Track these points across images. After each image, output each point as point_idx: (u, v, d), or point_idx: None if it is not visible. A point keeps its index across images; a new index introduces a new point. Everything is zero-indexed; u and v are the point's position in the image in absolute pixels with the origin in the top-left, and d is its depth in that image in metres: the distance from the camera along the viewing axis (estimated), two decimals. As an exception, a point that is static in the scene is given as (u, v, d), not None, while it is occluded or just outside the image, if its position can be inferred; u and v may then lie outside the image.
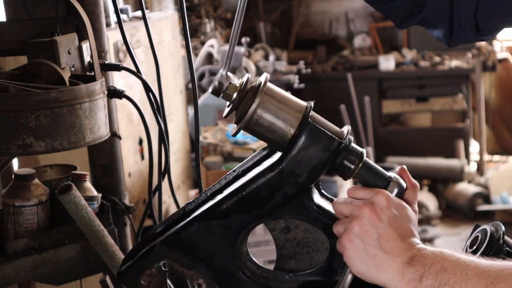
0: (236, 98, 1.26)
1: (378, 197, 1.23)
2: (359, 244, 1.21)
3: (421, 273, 1.17)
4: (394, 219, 1.22)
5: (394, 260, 1.20)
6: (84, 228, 1.67)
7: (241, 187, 1.27)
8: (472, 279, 1.14)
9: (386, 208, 1.22)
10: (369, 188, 1.26)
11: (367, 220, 1.21)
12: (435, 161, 7.05)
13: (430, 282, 1.17)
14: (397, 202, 1.24)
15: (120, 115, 2.84)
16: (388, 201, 1.22)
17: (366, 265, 1.21)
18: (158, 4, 5.85)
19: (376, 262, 1.20)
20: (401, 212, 1.23)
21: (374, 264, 1.21)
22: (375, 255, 1.20)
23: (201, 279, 1.31)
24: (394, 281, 1.20)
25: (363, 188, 1.26)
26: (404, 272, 1.19)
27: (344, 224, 1.24)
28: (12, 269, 1.71)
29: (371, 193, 1.24)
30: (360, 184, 1.28)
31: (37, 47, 1.68)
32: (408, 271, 1.18)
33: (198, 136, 1.92)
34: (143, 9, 1.93)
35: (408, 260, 1.19)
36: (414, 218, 1.26)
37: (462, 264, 1.16)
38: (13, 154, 1.74)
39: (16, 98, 1.49)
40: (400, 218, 1.22)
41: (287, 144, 1.24)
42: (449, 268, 1.16)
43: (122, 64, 1.89)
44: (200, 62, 6.04)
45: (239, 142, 4.73)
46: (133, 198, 3.58)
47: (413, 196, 1.28)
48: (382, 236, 1.20)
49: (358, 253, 1.22)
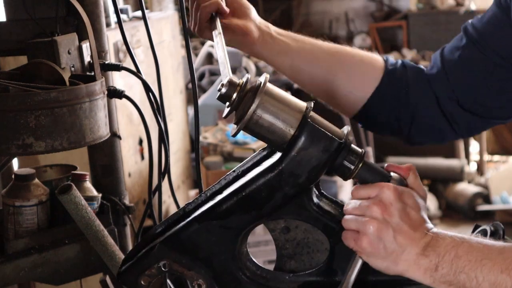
0: (236, 99, 1.26)
1: (384, 192, 1.23)
2: (378, 244, 1.22)
3: (436, 262, 1.19)
4: (404, 211, 1.22)
5: (409, 252, 1.21)
6: (84, 228, 1.67)
7: (241, 187, 1.27)
8: (487, 264, 1.16)
9: (394, 201, 1.22)
10: (373, 184, 1.26)
11: (379, 218, 1.21)
12: (435, 161, 7.05)
13: (445, 270, 1.18)
14: (403, 191, 1.24)
15: (120, 115, 2.84)
16: (394, 194, 1.23)
17: (385, 261, 1.22)
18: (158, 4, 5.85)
19: (394, 257, 1.21)
20: (409, 201, 1.24)
21: (392, 259, 1.22)
22: (394, 251, 1.21)
23: (201, 279, 1.31)
24: (410, 271, 1.21)
25: (366, 186, 1.26)
26: (420, 262, 1.20)
27: (359, 227, 1.23)
28: (12, 269, 1.71)
29: (376, 189, 1.24)
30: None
31: (37, 47, 1.68)
32: (423, 262, 1.20)
33: (198, 136, 1.92)
34: (143, 9, 1.93)
35: (422, 250, 1.20)
36: (422, 203, 1.26)
37: (476, 249, 1.18)
38: (13, 154, 1.73)
39: (16, 98, 1.49)
40: (409, 208, 1.23)
41: (287, 145, 1.24)
42: (463, 255, 1.18)
43: (122, 64, 1.88)
44: (200, 62, 6.05)
45: (239, 142, 4.73)
46: (133, 198, 3.58)
47: (414, 180, 1.28)
48: (397, 230, 1.21)
49: (378, 252, 1.22)
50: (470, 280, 1.17)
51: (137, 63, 1.95)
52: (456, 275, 1.18)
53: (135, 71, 1.93)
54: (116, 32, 2.83)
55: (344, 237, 1.27)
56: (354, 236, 1.24)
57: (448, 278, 1.18)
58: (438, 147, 7.30)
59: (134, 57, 1.94)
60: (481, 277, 1.16)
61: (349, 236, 1.25)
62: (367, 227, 1.22)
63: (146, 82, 1.91)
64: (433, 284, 1.21)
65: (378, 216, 1.21)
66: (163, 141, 1.95)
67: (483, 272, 1.16)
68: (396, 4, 8.46)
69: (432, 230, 1.23)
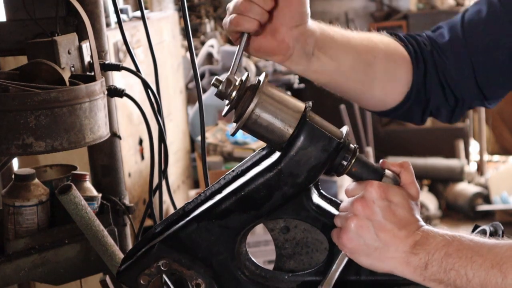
0: (235, 97, 1.26)
1: (367, 190, 1.23)
2: (358, 240, 1.22)
3: (425, 260, 1.19)
4: (387, 208, 1.22)
5: (395, 250, 1.21)
6: (84, 228, 1.67)
7: (240, 187, 1.27)
8: (477, 261, 1.15)
9: (377, 199, 1.22)
10: (362, 182, 1.26)
11: (360, 215, 1.21)
12: (435, 161, 7.05)
13: (435, 268, 1.18)
14: (389, 189, 1.23)
15: (120, 115, 2.84)
16: (378, 191, 1.22)
17: (369, 258, 1.23)
18: (158, 4, 5.85)
19: (378, 254, 1.22)
20: (395, 198, 1.23)
21: (376, 256, 1.22)
22: (376, 248, 1.21)
23: (200, 279, 1.31)
24: (399, 269, 1.21)
25: (357, 183, 1.27)
26: (409, 260, 1.20)
27: (342, 224, 1.24)
28: (12, 269, 1.71)
29: (362, 186, 1.24)
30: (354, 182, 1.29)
31: (37, 47, 1.68)
32: (412, 260, 1.20)
33: (204, 135, 1.92)
34: (142, 9, 1.93)
35: (411, 248, 1.20)
36: (411, 201, 1.25)
37: (467, 247, 1.17)
38: (13, 154, 1.73)
39: (16, 98, 1.49)
40: (395, 206, 1.22)
41: (286, 144, 1.24)
42: (453, 253, 1.17)
43: (122, 64, 1.89)
44: (200, 62, 6.05)
45: (239, 142, 4.73)
46: (133, 198, 3.58)
47: (407, 176, 1.27)
48: (379, 228, 1.21)
49: (360, 249, 1.22)
50: (461, 277, 1.16)
51: (137, 63, 1.95)
52: (447, 273, 1.17)
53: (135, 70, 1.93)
54: (116, 32, 2.84)
55: (331, 234, 1.28)
56: (338, 232, 1.25)
57: (438, 276, 1.18)
58: (438, 147, 7.31)
59: (134, 57, 1.95)
60: (471, 273, 1.15)
61: (334, 233, 1.27)
62: (347, 224, 1.22)
63: (145, 81, 1.92)
64: (424, 282, 1.21)
65: (359, 213, 1.22)
66: (163, 141, 1.95)
67: (474, 269, 1.15)
68: (396, 4, 8.46)
69: (423, 228, 1.22)
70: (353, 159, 1.26)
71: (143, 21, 1.95)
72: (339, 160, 1.26)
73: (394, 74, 1.57)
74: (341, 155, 1.26)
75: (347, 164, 1.26)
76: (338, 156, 1.25)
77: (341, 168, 1.27)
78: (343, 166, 1.26)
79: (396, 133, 7.72)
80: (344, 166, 1.26)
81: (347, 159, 1.26)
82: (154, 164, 1.99)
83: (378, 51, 1.53)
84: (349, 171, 1.27)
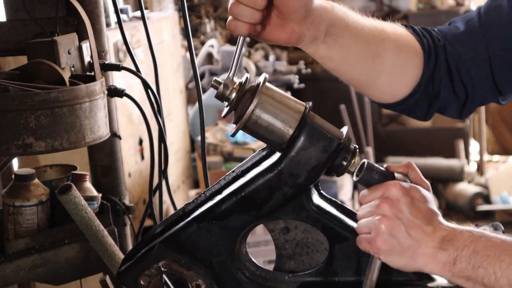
0: (235, 98, 1.26)
1: (390, 190, 1.23)
2: (392, 241, 1.21)
3: (454, 256, 1.19)
4: (412, 205, 1.22)
5: (426, 245, 1.21)
6: (84, 228, 1.67)
7: (240, 188, 1.27)
8: (505, 260, 1.16)
9: (401, 196, 1.22)
10: (378, 185, 1.25)
11: (389, 215, 1.21)
12: (435, 161, 7.05)
13: (464, 265, 1.18)
14: (408, 186, 1.24)
15: (120, 115, 2.83)
16: (400, 189, 1.23)
17: (403, 258, 1.22)
18: (158, 4, 5.84)
19: (411, 252, 1.21)
20: (416, 194, 1.24)
21: (409, 255, 1.21)
22: (410, 246, 1.21)
23: (200, 279, 1.31)
24: (429, 265, 1.21)
25: (371, 189, 1.26)
26: (438, 256, 1.20)
27: (371, 228, 1.23)
28: (12, 269, 1.71)
29: (382, 188, 1.24)
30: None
31: (37, 47, 1.68)
32: (441, 255, 1.20)
33: (204, 135, 1.92)
34: (142, 9, 1.93)
35: (439, 244, 1.20)
36: (429, 196, 1.26)
37: (494, 245, 1.18)
38: (13, 154, 1.74)
39: (16, 98, 1.49)
40: (417, 201, 1.23)
41: (286, 145, 1.24)
42: (481, 250, 1.18)
43: (122, 64, 1.89)
44: (200, 62, 6.05)
45: (239, 142, 4.73)
46: (133, 198, 3.58)
47: (415, 174, 1.28)
48: (408, 225, 1.21)
49: (394, 250, 1.22)
50: (489, 275, 1.17)
51: (137, 63, 1.95)
52: (475, 270, 1.18)
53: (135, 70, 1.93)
54: (116, 32, 2.84)
55: (358, 242, 1.26)
56: (368, 238, 1.23)
57: (466, 273, 1.18)
58: (438, 147, 7.31)
59: (134, 57, 1.95)
60: (500, 272, 1.16)
61: (363, 240, 1.25)
62: (378, 226, 1.21)
63: (145, 81, 1.92)
64: (452, 278, 1.21)
65: (387, 214, 1.21)
66: (163, 141, 1.95)
67: (502, 268, 1.16)
68: (396, 4, 8.46)
69: (445, 224, 1.22)
70: (352, 159, 1.26)
71: (143, 21, 1.95)
72: (339, 161, 1.26)
73: (402, 68, 1.55)
74: (341, 156, 1.26)
75: (347, 164, 1.26)
76: (339, 156, 1.25)
77: (341, 168, 1.27)
78: (343, 167, 1.26)
79: (396, 133, 7.71)
80: (344, 166, 1.26)
81: (347, 159, 1.26)
82: (154, 164, 1.99)
83: (389, 42, 1.52)
84: (361, 178, 1.26)
